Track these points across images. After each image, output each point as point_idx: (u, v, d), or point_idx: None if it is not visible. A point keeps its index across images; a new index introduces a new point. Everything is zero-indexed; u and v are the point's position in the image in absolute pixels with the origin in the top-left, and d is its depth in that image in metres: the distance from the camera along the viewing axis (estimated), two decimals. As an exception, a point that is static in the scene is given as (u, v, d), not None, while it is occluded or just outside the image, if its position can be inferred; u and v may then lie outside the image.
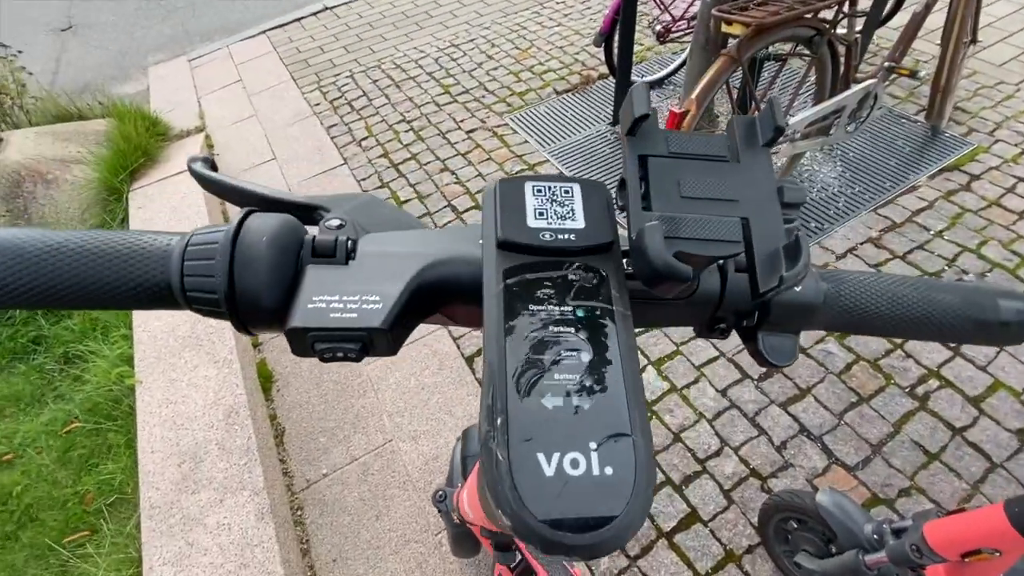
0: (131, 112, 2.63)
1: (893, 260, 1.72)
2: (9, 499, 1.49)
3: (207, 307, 0.25)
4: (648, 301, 0.28)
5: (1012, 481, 1.24)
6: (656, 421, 1.45)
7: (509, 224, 0.25)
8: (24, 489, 1.50)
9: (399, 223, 0.32)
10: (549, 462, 0.18)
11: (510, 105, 2.61)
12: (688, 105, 1.47)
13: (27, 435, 1.63)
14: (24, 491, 1.50)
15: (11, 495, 1.49)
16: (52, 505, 1.46)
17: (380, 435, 1.52)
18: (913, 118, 2.21)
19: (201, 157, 0.35)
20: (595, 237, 0.25)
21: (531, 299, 0.23)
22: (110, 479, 1.46)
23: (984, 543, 0.75)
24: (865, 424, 1.38)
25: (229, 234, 0.25)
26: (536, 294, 0.23)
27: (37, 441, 1.61)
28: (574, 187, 0.27)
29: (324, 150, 2.53)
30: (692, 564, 1.21)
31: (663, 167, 0.24)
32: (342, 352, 0.24)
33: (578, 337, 0.22)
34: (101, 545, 1.32)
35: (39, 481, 1.51)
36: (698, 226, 0.23)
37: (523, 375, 0.20)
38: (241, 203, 0.33)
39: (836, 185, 1.99)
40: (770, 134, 0.25)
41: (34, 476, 1.52)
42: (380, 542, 1.32)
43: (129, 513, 1.38)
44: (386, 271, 0.26)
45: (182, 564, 1.23)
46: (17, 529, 1.43)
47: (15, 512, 1.46)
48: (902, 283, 0.31)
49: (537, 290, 0.23)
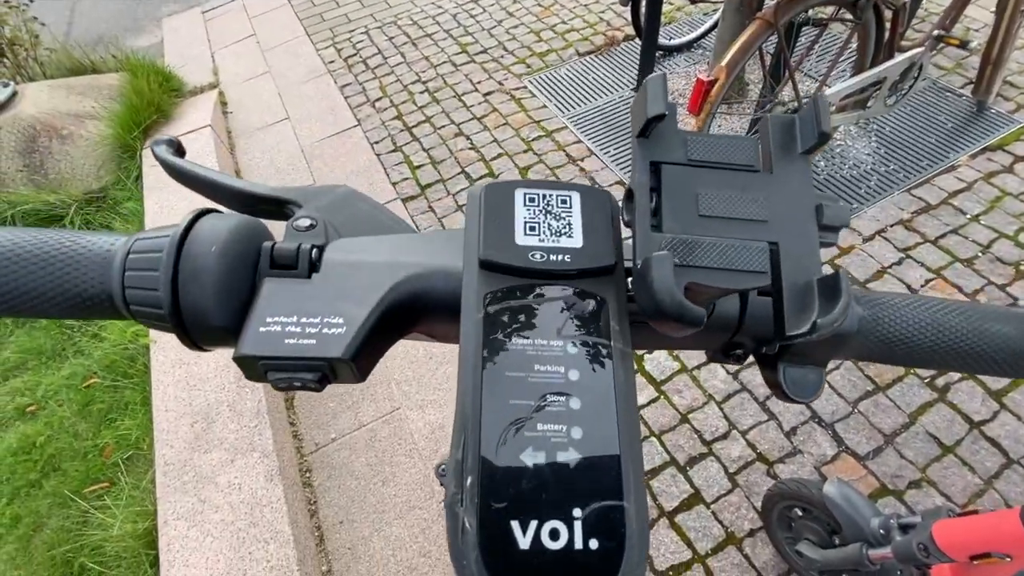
0: (144, 66, 2.58)
1: (923, 244, 1.64)
2: (33, 448, 1.55)
3: (153, 321, 0.23)
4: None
5: (1028, 478, 1.21)
6: (664, 401, 1.43)
7: (494, 240, 0.22)
8: (47, 440, 1.56)
9: (378, 223, 0.28)
10: (525, 532, 0.16)
11: (529, 67, 2.50)
12: (717, 72, 1.39)
13: (49, 388, 1.68)
14: (47, 442, 1.55)
15: (35, 445, 1.55)
16: (74, 456, 1.52)
17: (388, 403, 1.53)
18: (958, 92, 2.07)
19: (165, 140, 0.31)
20: (594, 259, 0.22)
21: (515, 331, 0.20)
22: (127, 434, 1.51)
23: (995, 547, 0.73)
24: (880, 413, 1.34)
25: (174, 241, 0.22)
26: (522, 325, 0.20)
27: (59, 394, 1.66)
28: (572, 196, 0.23)
29: (337, 111, 2.48)
30: (692, 544, 1.22)
31: (679, 177, 0.21)
32: (299, 382, 0.21)
33: (568, 379, 0.19)
34: (119, 497, 1.38)
35: (61, 433, 1.57)
36: (717, 252, 0.19)
37: (501, 424, 0.18)
38: (208, 194, 0.30)
39: (869, 162, 1.89)
40: (813, 140, 0.21)
41: (56, 428, 1.58)
42: (385, 507, 1.35)
43: (145, 468, 1.43)
44: (354, 287, 0.22)
45: (195, 519, 1.27)
46: (41, 477, 1.49)
47: (39, 461, 1.52)
48: (949, 309, 0.27)
49: (523, 320, 0.20)
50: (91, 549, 1.31)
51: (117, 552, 1.29)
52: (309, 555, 1.25)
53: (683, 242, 0.19)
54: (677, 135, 0.21)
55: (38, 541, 1.37)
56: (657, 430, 1.38)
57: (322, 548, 1.31)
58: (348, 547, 1.30)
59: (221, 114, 2.58)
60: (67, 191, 2.18)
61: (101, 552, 1.30)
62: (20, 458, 1.53)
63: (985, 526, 0.75)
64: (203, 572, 1.19)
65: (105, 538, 1.31)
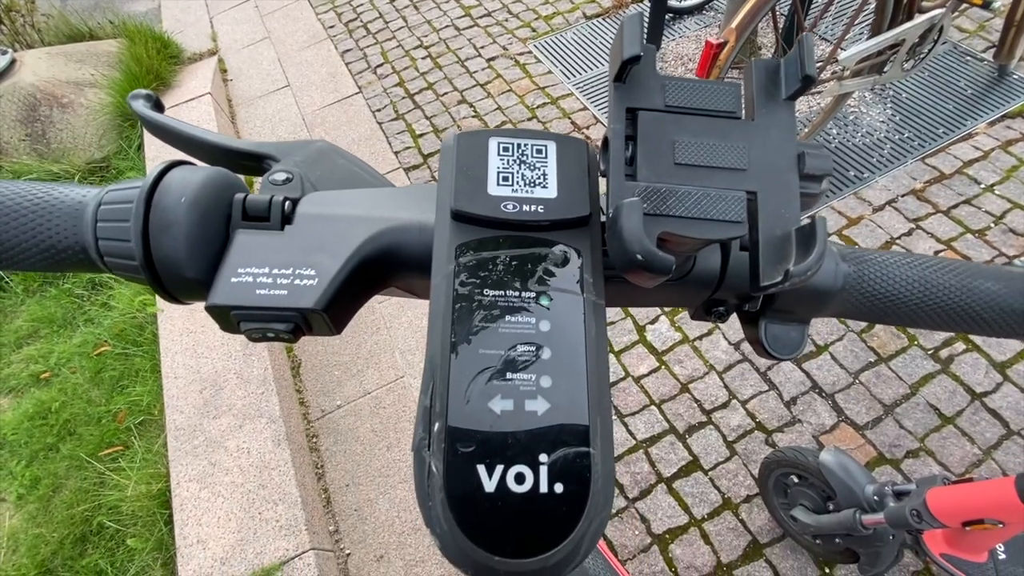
0: (142, 32, 2.54)
1: (935, 215, 1.61)
2: (49, 414, 1.59)
3: (127, 273, 0.23)
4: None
5: (1027, 448, 1.21)
6: (664, 371, 1.44)
7: (465, 190, 0.21)
8: (62, 406, 1.60)
9: (356, 178, 0.27)
10: (491, 476, 0.16)
11: (535, 30, 2.43)
12: (727, 35, 1.34)
13: (62, 356, 1.72)
14: (62, 407, 1.60)
15: (50, 410, 1.60)
16: (88, 422, 1.56)
17: (392, 371, 1.55)
18: (979, 56, 1.99)
19: (144, 93, 0.31)
20: (569, 209, 0.21)
21: (487, 282, 0.20)
22: (138, 400, 1.54)
23: (989, 514, 0.74)
24: (881, 384, 1.35)
25: (143, 192, 0.22)
26: (493, 276, 0.20)
27: (71, 362, 1.70)
28: (548, 145, 0.22)
29: (339, 77, 2.43)
30: (689, 509, 1.24)
31: (657, 124, 0.20)
32: (272, 333, 0.21)
33: (539, 329, 0.19)
34: (133, 460, 1.42)
35: (75, 399, 1.61)
36: (692, 201, 0.19)
37: (470, 372, 0.18)
38: (186, 149, 0.30)
39: (883, 130, 1.84)
40: (796, 84, 0.20)
41: (70, 394, 1.62)
42: (390, 471, 1.39)
43: (157, 433, 1.47)
44: (327, 239, 0.22)
45: (206, 482, 1.31)
46: (57, 441, 1.54)
47: (54, 426, 1.56)
48: (937, 267, 0.26)
49: (495, 271, 0.20)
50: (108, 508, 1.36)
51: (133, 511, 1.34)
52: (317, 516, 1.29)
53: (657, 191, 0.19)
54: (656, 79, 0.20)
55: (57, 501, 1.42)
56: (657, 399, 1.40)
57: (329, 509, 1.35)
58: (354, 509, 1.34)
59: (221, 82, 2.54)
60: (70, 160, 2.17)
61: (118, 511, 1.35)
62: (37, 423, 1.58)
63: (980, 493, 0.76)
64: (216, 531, 1.24)
65: (121, 498, 1.35)
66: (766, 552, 1.17)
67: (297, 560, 1.18)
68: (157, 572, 1.26)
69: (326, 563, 1.21)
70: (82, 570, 1.30)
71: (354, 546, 1.29)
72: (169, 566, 1.26)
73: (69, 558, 1.32)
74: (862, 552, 0.99)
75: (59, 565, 1.32)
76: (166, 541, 1.28)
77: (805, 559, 1.15)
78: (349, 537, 1.30)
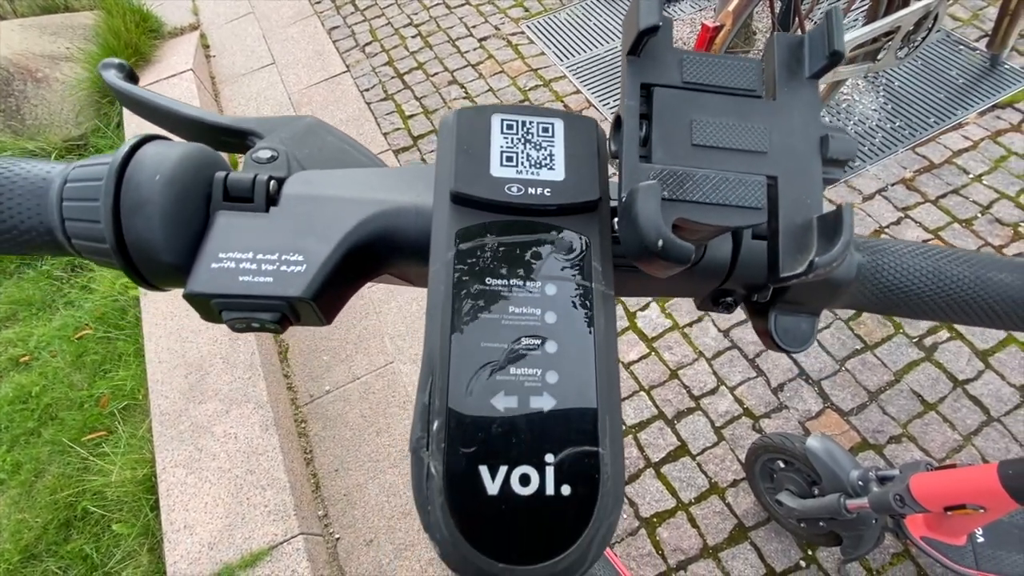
0: (119, 4, 2.44)
1: (923, 204, 1.62)
2: (29, 398, 1.56)
3: (98, 257, 0.21)
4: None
5: (1006, 436, 1.24)
6: (654, 357, 1.45)
7: (466, 171, 0.20)
8: (42, 390, 1.57)
9: (346, 156, 0.26)
10: (493, 477, 0.15)
11: (528, 10, 2.38)
12: (723, 18, 1.32)
13: (41, 339, 1.68)
14: (43, 391, 1.56)
15: (31, 395, 1.56)
16: (70, 406, 1.53)
17: (382, 356, 1.54)
18: (972, 45, 1.99)
19: (116, 63, 0.28)
20: (577, 193, 0.20)
21: (489, 270, 0.18)
22: (122, 385, 1.52)
23: (971, 499, 0.76)
24: (866, 372, 1.37)
25: (113, 168, 0.20)
26: (496, 264, 0.18)
27: (51, 345, 1.66)
28: (555, 123, 0.21)
29: (326, 55, 2.37)
30: (676, 492, 1.26)
31: (673, 102, 0.19)
32: (257, 323, 0.20)
33: (544, 321, 0.18)
34: (117, 445, 1.40)
35: (56, 383, 1.57)
36: (710, 186, 0.17)
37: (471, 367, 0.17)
38: (163, 124, 0.28)
39: (875, 118, 1.84)
40: (822, 61, 0.19)
41: (51, 378, 1.59)
42: (379, 456, 1.38)
43: (141, 418, 1.45)
44: (316, 222, 0.20)
45: (192, 467, 1.30)
46: (39, 426, 1.51)
47: (35, 411, 1.53)
48: (952, 258, 0.26)
49: (498, 259, 0.19)
50: (92, 494, 1.34)
51: (118, 496, 1.32)
52: (306, 501, 1.29)
53: (673, 174, 0.18)
54: (672, 54, 0.19)
55: (40, 486, 1.40)
56: (647, 385, 1.40)
57: (318, 495, 1.35)
58: (343, 494, 1.34)
59: (203, 58, 2.46)
60: (46, 138, 2.10)
61: (102, 496, 1.33)
62: (17, 407, 1.55)
63: (963, 479, 0.77)
64: (203, 516, 1.23)
65: (105, 484, 1.34)
66: (751, 535, 1.19)
67: (286, 545, 1.18)
68: (144, 557, 1.25)
69: (315, 547, 1.21)
70: (67, 555, 1.28)
71: (343, 530, 1.29)
72: (156, 551, 1.25)
73: (53, 543, 1.31)
74: (845, 535, 1.01)
75: (43, 550, 1.31)
76: (152, 527, 1.27)
77: (789, 542, 1.17)
78: (338, 522, 1.30)
